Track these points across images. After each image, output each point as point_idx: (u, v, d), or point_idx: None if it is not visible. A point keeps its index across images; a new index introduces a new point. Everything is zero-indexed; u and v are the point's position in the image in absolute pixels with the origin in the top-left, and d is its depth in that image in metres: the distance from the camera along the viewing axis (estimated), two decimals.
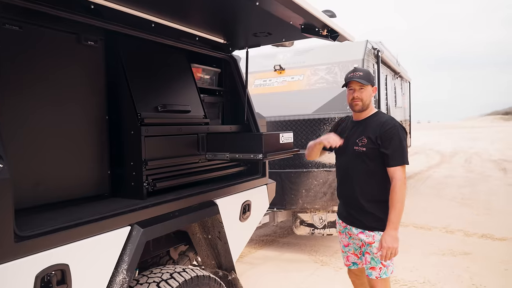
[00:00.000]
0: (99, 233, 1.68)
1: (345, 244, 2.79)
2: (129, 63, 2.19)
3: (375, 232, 2.53)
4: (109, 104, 2.16)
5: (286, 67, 6.20)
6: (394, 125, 2.51)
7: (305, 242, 5.71)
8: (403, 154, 2.46)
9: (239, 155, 2.47)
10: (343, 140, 2.67)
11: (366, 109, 2.62)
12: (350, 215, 2.66)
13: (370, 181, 2.54)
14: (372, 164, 2.52)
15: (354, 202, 2.61)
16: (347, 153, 2.65)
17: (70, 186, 1.96)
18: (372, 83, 2.60)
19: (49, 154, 1.85)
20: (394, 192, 2.42)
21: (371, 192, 2.55)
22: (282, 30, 2.53)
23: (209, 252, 2.73)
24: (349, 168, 2.64)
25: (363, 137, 2.55)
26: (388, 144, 2.45)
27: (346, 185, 2.69)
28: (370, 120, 2.62)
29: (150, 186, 2.13)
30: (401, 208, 2.41)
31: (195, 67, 2.82)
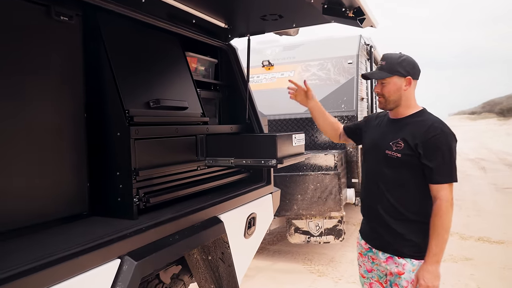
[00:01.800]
0: (78, 273, 1.23)
1: (368, 269, 2.19)
2: (113, 46, 1.74)
3: (406, 259, 1.97)
4: (88, 98, 1.70)
5: (275, 63, 5.83)
6: (442, 131, 1.91)
7: (297, 249, 5.34)
8: (451, 169, 1.90)
9: (246, 161, 2.06)
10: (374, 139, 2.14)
11: (395, 106, 2.05)
12: (376, 236, 2.10)
13: (404, 195, 1.99)
14: (407, 174, 1.97)
15: (381, 219, 2.04)
16: (377, 157, 2.07)
17: (37, 205, 1.49)
18: (399, 72, 1.99)
19: (8, 164, 1.38)
20: (438, 216, 1.87)
21: (403, 209, 1.98)
22: (298, 12, 2.13)
23: (208, 276, 2.30)
24: (377, 177, 2.07)
25: (399, 140, 1.98)
26: (433, 155, 1.89)
27: (372, 198, 2.11)
28: (411, 120, 2.02)
29: (142, 202, 1.69)
30: (445, 236, 1.88)
31: (189, 56, 2.38)
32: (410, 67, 2.00)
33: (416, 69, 2.03)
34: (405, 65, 2.00)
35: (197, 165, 2.10)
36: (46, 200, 1.53)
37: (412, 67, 2.01)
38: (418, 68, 2.04)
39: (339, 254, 5.11)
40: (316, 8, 1.97)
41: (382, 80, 2.02)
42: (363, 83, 5.66)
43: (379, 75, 2.03)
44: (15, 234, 1.39)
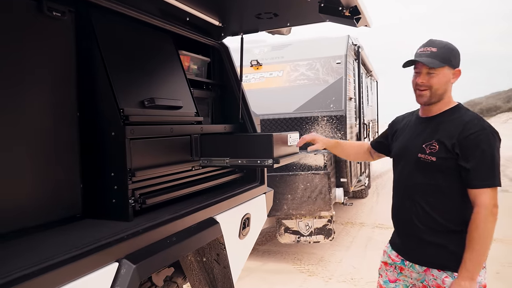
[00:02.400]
0: (75, 278, 1.18)
1: (391, 279, 1.97)
2: (106, 44, 1.69)
3: (447, 272, 1.73)
4: (81, 97, 1.64)
5: (264, 62, 5.81)
6: (483, 128, 1.68)
7: (286, 249, 5.34)
8: (493, 171, 1.65)
9: (242, 161, 2.04)
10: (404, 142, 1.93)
11: (437, 101, 1.80)
12: (411, 248, 1.87)
13: (441, 203, 1.76)
14: (444, 180, 1.74)
15: (416, 231, 1.82)
16: (408, 162, 1.86)
17: (28, 208, 1.44)
18: (452, 63, 1.76)
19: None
20: (474, 226, 1.64)
21: (442, 219, 1.76)
22: (293, 10, 2.12)
23: (202, 278, 2.27)
24: (410, 183, 1.85)
25: (433, 142, 1.75)
26: (472, 155, 1.66)
27: (404, 208, 1.87)
28: (446, 117, 1.79)
29: (137, 203, 1.65)
30: (482, 250, 1.63)
31: (182, 55, 2.34)
32: (459, 58, 1.80)
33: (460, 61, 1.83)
34: (455, 55, 1.78)
35: (192, 165, 2.06)
36: (37, 202, 1.48)
37: (459, 59, 1.81)
38: None
39: (328, 253, 5.13)
40: (313, 6, 1.96)
41: (431, 69, 1.75)
42: (351, 83, 5.69)
43: (432, 63, 1.74)
44: (5, 238, 1.33)
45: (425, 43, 1.82)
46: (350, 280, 4.26)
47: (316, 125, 5.20)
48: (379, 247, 5.72)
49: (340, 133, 5.11)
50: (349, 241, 5.62)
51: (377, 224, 6.43)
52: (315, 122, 5.20)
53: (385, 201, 8.18)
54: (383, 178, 11.58)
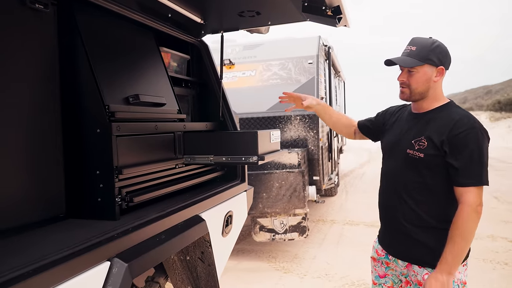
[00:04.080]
0: (65, 280, 1.14)
1: (380, 274, 1.98)
2: (90, 38, 1.64)
3: (427, 269, 1.76)
4: (65, 93, 1.59)
5: (236, 62, 5.82)
6: (472, 126, 1.67)
7: (261, 248, 5.36)
8: (481, 170, 1.65)
9: (226, 158, 2.04)
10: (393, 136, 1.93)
11: (420, 98, 1.81)
12: (395, 243, 1.89)
13: (427, 199, 1.76)
14: (431, 177, 1.74)
15: (400, 226, 1.83)
16: (397, 157, 1.85)
17: (10, 209, 1.37)
18: (432, 60, 1.74)
19: None
20: (457, 222, 1.64)
21: (427, 216, 1.76)
22: (276, 9, 2.14)
23: (185, 276, 2.25)
24: (397, 179, 1.85)
25: (422, 138, 1.75)
26: (460, 154, 1.65)
27: (391, 203, 1.88)
28: (437, 115, 1.78)
29: (124, 201, 1.61)
30: (462, 245, 1.63)
31: (163, 52, 2.31)
32: (443, 55, 1.77)
33: (449, 58, 1.80)
34: (438, 53, 1.75)
35: (176, 163, 2.04)
36: (19, 202, 1.42)
37: (445, 55, 1.78)
38: (450, 57, 1.81)
39: (302, 250, 5.20)
40: (296, 5, 1.99)
41: (410, 68, 1.76)
42: (322, 82, 5.80)
43: (408, 62, 1.75)
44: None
45: (409, 42, 1.82)
46: (324, 276, 4.34)
47: (289, 124, 5.26)
48: (350, 243, 5.88)
49: (312, 132, 5.20)
50: (321, 238, 5.72)
51: (347, 221, 6.59)
52: (288, 121, 5.26)
53: (354, 199, 8.40)
54: (350, 176, 11.88)
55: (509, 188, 8.94)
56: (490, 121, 30.91)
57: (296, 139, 5.24)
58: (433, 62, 1.75)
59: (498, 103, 34.65)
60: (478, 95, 49.61)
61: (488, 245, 5.16)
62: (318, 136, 5.22)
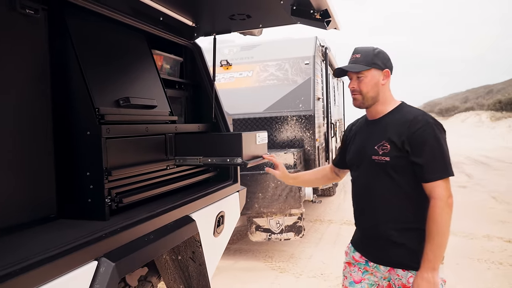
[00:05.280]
0: (53, 278, 1.17)
1: (356, 280, 1.96)
2: (81, 42, 1.68)
3: (411, 272, 1.75)
4: (55, 96, 1.63)
5: (233, 62, 5.84)
6: (427, 122, 1.72)
7: (257, 247, 5.40)
8: (443, 162, 1.69)
9: (212, 160, 2.06)
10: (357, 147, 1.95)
11: (372, 103, 1.85)
12: (375, 249, 1.87)
13: (401, 201, 1.78)
14: (401, 179, 1.76)
15: (378, 231, 1.82)
16: (364, 165, 1.88)
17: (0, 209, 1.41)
18: (378, 65, 1.81)
19: None
20: (432, 218, 1.66)
21: (403, 218, 1.78)
22: (266, 12, 2.17)
23: (177, 276, 2.28)
24: (368, 186, 1.87)
25: (384, 142, 1.77)
26: (422, 151, 1.69)
27: (365, 209, 1.91)
28: (392, 117, 1.83)
29: (114, 202, 1.65)
30: (441, 240, 1.66)
31: (155, 54, 2.35)
32: (386, 59, 1.85)
33: (391, 62, 1.89)
34: (381, 57, 1.84)
35: (167, 164, 2.07)
36: (10, 203, 1.45)
37: (388, 60, 1.86)
38: (391, 62, 1.90)
39: (298, 250, 5.23)
40: (285, 9, 2.02)
41: (359, 74, 1.82)
42: (319, 83, 5.83)
43: (356, 68, 1.82)
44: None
45: (353, 51, 1.89)
46: (320, 275, 4.37)
47: (285, 125, 5.29)
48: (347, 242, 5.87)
49: (309, 132, 5.23)
50: (318, 238, 5.75)
51: (345, 221, 6.61)
52: (285, 122, 5.29)
53: None
54: (348, 176, 11.88)
55: (507, 188, 8.95)
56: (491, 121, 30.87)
57: (293, 140, 5.27)
58: (378, 66, 1.81)
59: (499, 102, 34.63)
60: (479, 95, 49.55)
61: (484, 245, 5.18)
62: (315, 137, 5.25)
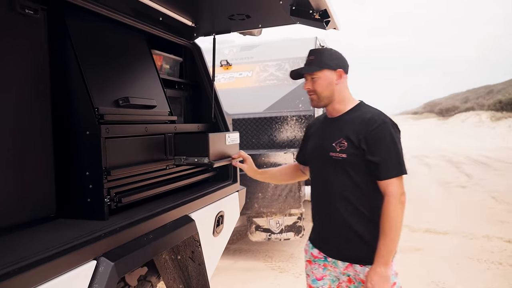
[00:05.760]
0: (52, 277, 1.18)
1: (318, 277, 1.97)
2: (80, 42, 1.68)
3: (368, 266, 1.79)
4: (55, 96, 1.63)
5: (233, 62, 5.85)
6: (384, 122, 1.78)
7: (257, 247, 5.40)
8: (398, 161, 1.75)
9: (185, 159, 2.05)
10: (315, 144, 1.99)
11: (328, 102, 1.90)
12: (332, 245, 1.91)
13: (357, 198, 1.82)
14: (357, 176, 1.81)
15: (335, 226, 1.87)
16: (322, 162, 1.92)
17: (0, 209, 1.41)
18: (329, 65, 1.86)
19: None
20: (385, 214, 1.72)
21: (359, 214, 1.82)
22: (266, 12, 2.18)
23: (176, 275, 2.28)
24: (326, 181, 1.90)
25: (341, 140, 1.82)
26: (377, 149, 1.75)
27: (323, 204, 1.93)
28: (350, 116, 1.88)
29: (113, 202, 1.65)
30: (393, 235, 1.71)
31: (155, 54, 2.35)
32: (339, 59, 1.90)
33: (346, 63, 1.93)
34: (334, 58, 1.89)
35: (166, 164, 2.07)
36: (10, 202, 1.45)
37: (341, 60, 1.91)
38: (346, 61, 1.94)
39: (298, 250, 5.23)
40: (284, 9, 2.02)
41: (313, 75, 1.87)
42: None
43: (309, 69, 1.88)
44: None
45: (308, 54, 1.94)
46: None
47: (285, 125, 5.29)
48: None
49: None
50: None
51: None
52: (284, 122, 5.29)
53: None
54: None
55: (507, 188, 8.95)
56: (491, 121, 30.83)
57: (293, 140, 5.27)
58: (330, 66, 1.86)
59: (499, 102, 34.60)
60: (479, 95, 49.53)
61: (484, 245, 5.19)
62: None
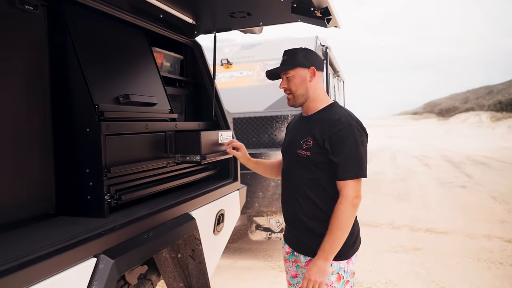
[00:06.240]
0: (51, 275, 1.17)
1: (293, 275, 2.02)
2: (80, 39, 1.67)
3: None
4: (55, 93, 1.62)
5: (234, 61, 5.83)
6: (349, 124, 1.78)
7: (257, 246, 5.39)
8: (357, 164, 1.76)
9: (177, 158, 2.05)
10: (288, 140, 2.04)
11: (304, 100, 1.91)
12: (296, 238, 1.96)
13: (319, 195, 1.85)
14: (319, 174, 1.83)
15: (298, 221, 1.91)
16: (291, 158, 1.97)
17: None
18: (302, 63, 1.87)
19: None
20: (335, 213, 1.75)
21: (319, 210, 1.84)
22: (267, 10, 2.16)
23: (176, 274, 2.28)
24: (291, 177, 1.95)
25: (308, 138, 1.84)
26: (338, 150, 1.76)
27: (288, 199, 1.97)
28: (320, 115, 1.88)
29: (113, 199, 1.64)
30: (338, 234, 1.73)
31: (156, 52, 2.34)
32: (312, 57, 1.91)
33: (319, 60, 1.95)
34: (307, 56, 1.90)
35: (166, 162, 2.06)
36: (9, 199, 1.44)
37: (315, 58, 1.92)
38: (320, 59, 1.96)
39: None
40: (285, 7, 2.01)
41: (287, 74, 1.90)
42: None
43: (282, 69, 1.91)
44: None
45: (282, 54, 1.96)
46: None
47: (286, 124, 5.28)
48: None
49: None
50: None
51: None
52: (285, 121, 5.28)
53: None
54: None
55: (507, 188, 8.94)
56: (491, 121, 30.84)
57: None
58: (303, 64, 1.88)
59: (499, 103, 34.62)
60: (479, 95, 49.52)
61: (484, 245, 5.18)
62: None
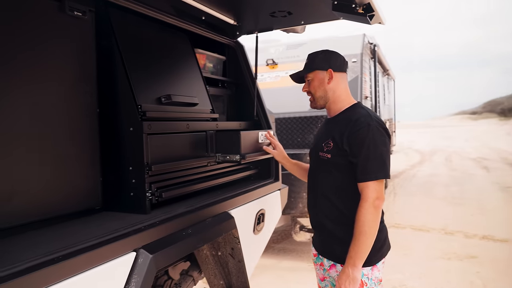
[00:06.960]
0: (95, 265, 1.23)
1: (321, 278, 1.98)
2: (125, 42, 1.75)
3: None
4: (101, 94, 1.71)
5: (279, 61, 5.83)
6: (368, 124, 1.73)
7: (302, 248, 5.35)
8: (377, 164, 1.70)
9: (218, 157, 2.10)
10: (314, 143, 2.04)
11: (324, 103, 1.91)
12: (320, 241, 1.94)
13: (341, 198, 1.81)
14: (341, 177, 1.79)
15: (323, 224, 1.88)
16: (314, 160, 1.97)
17: (51, 200, 1.50)
18: (322, 66, 1.88)
19: (24, 160, 1.39)
20: (357, 217, 1.69)
21: (343, 214, 1.80)
22: (307, 8, 2.14)
23: (217, 271, 2.31)
24: (315, 180, 1.93)
25: (329, 140, 1.82)
26: (358, 151, 1.72)
27: (313, 202, 1.95)
28: (342, 116, 1.87)
29: (154, 196, 1.70)
30: (364, 240, 1.67)
31: (198, 53, 2.39)
32: (331, 59, 1.90)
33: (339, 61, 1.92)
34: (325, 58, 1.90)
35: (207, 161, 2.10)
36: (59, 194, 1.54)
37: (334, 60, 1.90)
38: (341, 60, 1.93)
39: None
40: (326, 4, 1.98)
41: (307, 77, 1.94)
42: (367, 81, 5.66)
43: (302, 72, 1.95)
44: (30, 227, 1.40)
45: None
46: None
47: None
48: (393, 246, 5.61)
49: None
50: None
51: (393, 224, 6.37)
52: None
53: (402, 201, 8.10)
54: (399, 178, 11.46)
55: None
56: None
57: None
58: (321, 66, 1.89)
59: None
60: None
61: None
62: None
